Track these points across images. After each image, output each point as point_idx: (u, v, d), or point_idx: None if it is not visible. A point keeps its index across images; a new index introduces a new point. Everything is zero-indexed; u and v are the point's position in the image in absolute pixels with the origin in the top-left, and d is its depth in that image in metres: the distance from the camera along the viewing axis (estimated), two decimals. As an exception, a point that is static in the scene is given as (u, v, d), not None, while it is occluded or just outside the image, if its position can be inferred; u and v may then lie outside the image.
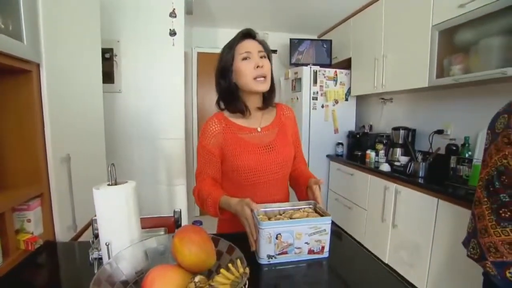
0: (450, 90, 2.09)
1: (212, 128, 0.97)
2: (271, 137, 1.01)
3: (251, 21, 3.23)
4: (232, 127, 0.98)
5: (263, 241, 0.77)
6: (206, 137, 0.97)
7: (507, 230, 0.92)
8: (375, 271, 0.81)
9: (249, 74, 0.91)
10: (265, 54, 0.95)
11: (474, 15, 1.60)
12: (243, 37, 0.95)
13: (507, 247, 0.91)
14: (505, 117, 0.94)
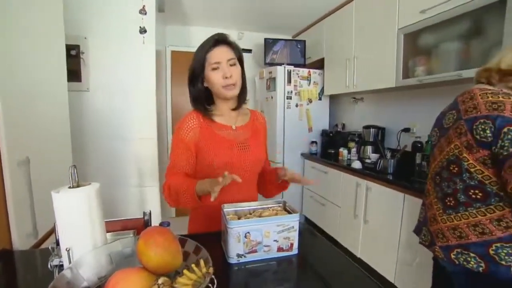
0: (415, 90, 2.20)
1: (190, 122, 0.99)
2: (245, 136, 1.05)
3: (226, 20, 3.22)
4: (209, 123, 1.01)
5: (232, 240, 0.77)
6: (184, 131, 0.99)
7: (451, 217, 1.01)
8: (343, 266, 0.83)
9: (218, 83, 0.97)
10: (235, 61, 0.99)
11: (433, 20, 1.69)
12: (215, 43, 0.97)
13: (451, 232, 1.00)
14: (453, 113, 1.03)
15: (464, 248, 0.97)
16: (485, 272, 0.92)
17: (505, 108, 0.87)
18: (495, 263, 0.90)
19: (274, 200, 0.96)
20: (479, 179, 0.93)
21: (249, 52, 3.65)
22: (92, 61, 1.84)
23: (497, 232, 0.91)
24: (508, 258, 0.89)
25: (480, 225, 0.94)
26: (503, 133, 0.86)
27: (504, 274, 0.89)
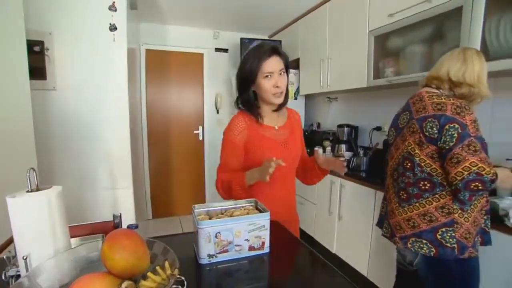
0: (386, 90, 2.29)
1: (239, 125, 1.09)
2: (285, 135, 1.16)
3: (202, 19, 3.19)
4: (255, 124, 1.11)
5: (203, 240, 0.77)
6: (233, 132, 1.08)
7: (405, 209, 1.13)
8: (314, 263, 0.85)
9: (268, 91, 1.06)
10: (284, 71, 1.09)
11: (400, 24, 1.77)
12: (270, 54, 1.05)
13: (406, 223, 1.12)
14: (406, 114, 1.16)
15: (417, 236, 1.08)
16: (436, 256, 1.04)
17: (447, 108, 1.01)
18: (442, 246, 1.03)
19: (246, 199, 0.97)
20: (428, 172, 1.05)
21: (225, 51, 3.63)
22: (59, 58, 1.75)
23: (441, 218, 1.03)
24: (451, 240, 1.01)
25: (428, 213, 1.06)
26: (445, 130, 0.99)
27: (450, 255, 1.02)
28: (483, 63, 1.09)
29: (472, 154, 0.94)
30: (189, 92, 3.61)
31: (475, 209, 1.04)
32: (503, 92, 1.57)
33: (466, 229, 1.02)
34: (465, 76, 1.07)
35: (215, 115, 3.71)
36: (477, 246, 1.04)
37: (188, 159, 3.68)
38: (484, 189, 0.94)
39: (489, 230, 1.08)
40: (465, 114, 0.98)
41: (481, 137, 0.98)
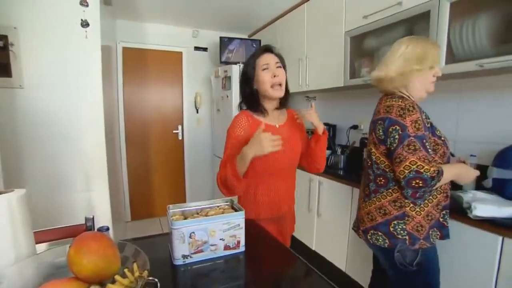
0: (362, 89, 2.35)
1: (242, 122, 1.13)
2: (287, 133, 1.19)
3: (181, 17, 3.13)
4: (257, 122, 1.14)
5: (177, 241, 0.76)
6: (237, 130, 1.13)
7: (366, 204, 1.20)
8: (290, 261, 0.86)
9: (267, 82, 1.10)
10: (280, 65, 1.14)
11: (375, 26, 1.83)
12: (263, 51, 1.15)
13: (367, 217, 1.18)
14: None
15: (374, 229, 1.14)
16: (390, 247, 1.10)
17: (392, 111, 1.06)
18: (395, 238, 1.09)
19: (222, 198, 0.97)
20: (383, 168, 1.12)
21: (204, 50, 3.60)
22: (26, 55, 1.66)
23: (393, 212, 1.09)
24: (403, 232, 1.08)
25: (383, 207, 1.12)
26: (389, 132, 1.05)
27: (401, 245, 1.08)
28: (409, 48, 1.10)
29: (412, 154, 0.99)
30: (168, 91, 3.55)
31: (430, 204, 1.09)
32: (467, 92, 1.66)
33: (417, 222, 1.07)
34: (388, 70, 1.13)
35: (195, 115, 3.67)
36: (432, 238, 1.09)
37: (167, 159, 3.61)
38: (425, 186, 0.99)
39: (447, 225, 1.13)
40: (406, 116, 1.03)
41: (421, 136, 1.01)
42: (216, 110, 3.31)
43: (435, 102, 1.73)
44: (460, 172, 1.08)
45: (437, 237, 1.12)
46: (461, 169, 1.08)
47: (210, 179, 3.82)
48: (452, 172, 1.05)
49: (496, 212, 1.14)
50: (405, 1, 1.63)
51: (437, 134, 1.09)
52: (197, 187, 3.74)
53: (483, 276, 1.18)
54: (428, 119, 1.11)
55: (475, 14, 1.36)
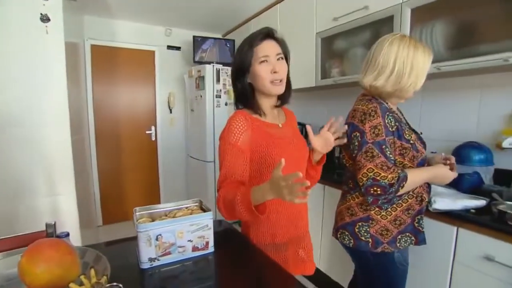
0: (334, 89, 2.41)
1: (240, 125, 0.91)
2: (291, 133, 1.03)
3: (153, 15, 3.05)
4: (257, 122, 0.95)
5: (143, 244, 0.74)
6: (235, 134, 0.90)
7: (340, 204, 1.21)
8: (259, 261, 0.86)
9: (266, 78, 0.92)
10: (283, 56, 0.95)
11: (344, 28, 1.89)
12: (263, 37, 0.92)
13: (338, 216, 1.21)
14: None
15: (343, 228, 1.16)
16: (354, 247, 1.11)
17: (356, 116, 1.05)
18: (358, 239, 1.10)
19: (191, 199, 0.96)
20: (351, 171, 1.12)
21: (177, 49, 3.54)
22: (-21, 52, 1.55)
23: (359, 213, 1.10)
24: (366, 235, 1.08)
25: (351, 208, 1.13)
26: (352, 138, 1.05)
27: (364, 247, 1.09)
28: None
29: (370, 161, 0.98)
30: (141, 91, 3.45)
31: (399, 208, 1.07)
32: (428, 93, 1.76)
33: (382, 226, 1.06)
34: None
35: (168, 115, 3.59)
36: (400, 243, 1.07)
37: (140, 160, 3.51)
38: (384, 193, 0.97)
39: (423, 230, 1.11)
40: (366, 121, 1.00)
41: (380, 142, 0.99)
42: (190, 110, 3.26)
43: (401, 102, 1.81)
44: (436, 175, 1.05)
45: (412, 242, 1.10)
46: (437, 172, 1.05)
47: (184, 180, 3.76)
48: (424, 176, 1.03)
49: (452, 205, 1.21)
50: (371, 5, 1.70)
51: (405, 137, 1.04)
52: (172, 189, 3.68)
53: (441, 262, 1.26)
54: (398, 122, 1.06)
55: (433, 21, 1.44)
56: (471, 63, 1.28)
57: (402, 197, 1.06)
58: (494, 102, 1.50)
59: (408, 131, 1.06)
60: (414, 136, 1.07)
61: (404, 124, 1.09)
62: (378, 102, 1.05)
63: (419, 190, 1.08)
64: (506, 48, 1.18)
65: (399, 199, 1.06)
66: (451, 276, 1.24)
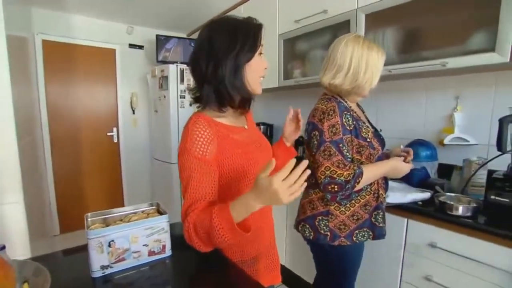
0: (296, 90, 2.48)
1: (205, 133, 0.75)
2: (257, 135, 0.94)
3: (114, 12, 2.91)
4: (223, 128, 0.80)
5: (94, 252, 0.71)
6: (201, 145, 0.73)
7: (303, 198, 1.24)
8: (219, 262, 0.85)
9: (259, 73, 0.82)
10: None
11: (305, 30, 1.95)
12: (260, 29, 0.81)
13: (301, 209, 1.25)
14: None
15: (304, 221, 1.20)
16: (314, 239, 1.16)
17: (316, 115, 1.11)
18: (318, 232, 1.14)
19: (147, 202, 0.93)
20: (312, 167, 1.13)
21: (140, 48, 3.41)
22: None
23: (320, 208, 1.15)
24: (325, 228, 1.13)
25: (312, 202, 1.17)
26: (311, 137, 1.10)
27: (322, 240, 1.13)
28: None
29: (327, 159, 1.02)
30: (101, 91, 3.28)
31: (357, 204, 1.11)
32: (382, 94, 1.88)
33: (341, 220, 1.11)
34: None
35: (131, 116, 3.46)
36: (356, 238, 1.12)
37: (102, 163, 3.34)
38: (341, 190, 1.01)
39: (380, 225, 1.14)
40: (325, 120, 1.05)
41: (337, 141, 1.03)
42: (154, 111, 3.16)
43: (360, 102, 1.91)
44: (391, 168, 1.09)
45: (370, 237, 1.14)
46: (392, 165, 1.09)
47: (149, 182, 3.65)
48: (379, 170, 1.07)
49: (402, 199, 1.31)
50: (330, 9, 1.77)
51: (362, 136, 1.08)
52: (136, 192, 3.54)
53: (394, 251, 1.35)
54: (356, 121, 1.10)
55: (384, 27, 1.54)
56: (415, 67, 1.39)
57: (360, 193, 1.11)
58: (437, 103, 1.63)
59: (365, 129, 1.11)
60: (371, 134, 1.11)
61: (362, 123, 1.13)
62: (337, 102, 1.10)
63: (376, 187, 1.13)
64: (444, 54, 1.30)
65: (357, 195, 1.12)
66: (402, 264, 1.33)
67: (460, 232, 1.12)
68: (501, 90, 1.40)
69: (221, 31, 0.78)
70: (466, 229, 1.11)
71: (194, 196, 0.72)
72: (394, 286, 1.36)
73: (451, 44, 1.30)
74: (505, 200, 1.06)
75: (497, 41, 1.12)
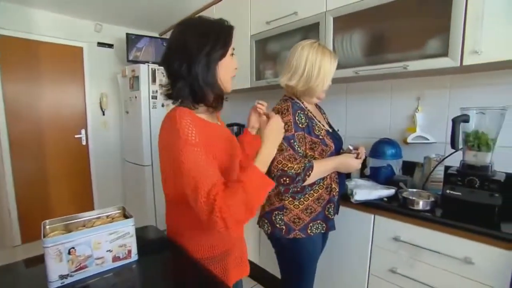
0: (269, 90, 2.48)
1: (190, 122, 0.76)
2: (227, 132, 0.97)
3: (80, 7, 2.77)
4: (201, 123, 0.82)
5: (51, 261, 0.68)
6: (192, 133, 0.74)
7: None
8: (187, 265, 0.84)
9: (231, 72, 0.88)
10: None
11: (276, 31, 1.97)
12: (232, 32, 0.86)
13: (261, 206, 1.27)
14: None
15: (263, 216, 1.26)
16: (271, 234, 1.22)
17: None
18: (274, 226, 1.20)
19: (114, 206, 0.90)
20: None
21: (110, 47, 3.29)
22: None
23: (276, 203, 1.21)
24: (280, 222, 1.19)
25: (270, 198, 1.23)
26: None
27: (278, 234, 1.19)
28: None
29: (279, 154, 1.09)
30: (67, 91, 3.11)
31: (310, 198, 1.17)
32: (351, 95, 1.95)
33: (295, 214, 1.17)
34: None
35: (100, 117, 3.32)
36: (311, 230, 1.18)
37: (69, 167, 3.17)
38: (292, 183, 1.08)
39: (332, 217, 1.22)
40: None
41: (289, 137, 1.10)
42: (125, 112, 3.06)
43: (331, 103, 1.96)
44: (340, 163, 1.16)
45: (323, 229, 1.21)
46: (341, 161, 1.16)
47: (121, 186, 3.53)
48: (329, 165, 1.15)
49: (369, 196, 1.36)
50: (300, 11, 1.81)
51: (315, 133, 1.15)
52: (107, 196, 3.40)
53: (362, 246, 1.41)
54: (309, 119, 1.16)
55: (352, 30, 1.60)
56: (380, 69, 1.46)
57: (313, 187, 1.18)
58: (401, 104, 1.72)
59: (318, 127, 1.18)
60: (323, 132, 1.18)
61: (317, 121, 1.20)
62: (293, 102, 1.18)
63: (329, 181, 1.20)
64: (405, 57, 1.37)
65: (310, 190, 1.18)
66: (370, 258, 1.39)
67: (420, 226, 1.20)
68: (454, 92, 1.51)
69: (194, 30, 0.81)
70: (425, 222, 1.18)
71: (209, 181, 0.70)
72: (362, 279, 1.42)
73: (412, 49, 1.38)
74: (458, 194, 1.14)
75: (449, 47, 1.21)
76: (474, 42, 1.14)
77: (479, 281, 1.06)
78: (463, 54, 1.17)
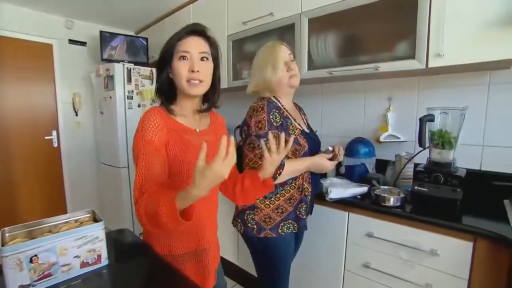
0: (245, 90, 2.50)
1: (156, 121, 0.83)
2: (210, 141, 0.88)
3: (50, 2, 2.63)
4: (174, 124, 0.88)
5: (10, 270, 0.64)
6: (151, 131, 0.82)
7: None
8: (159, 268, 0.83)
9: (183, 76, 0.86)
10: (208, 56, 0.90)
11: (253, 32, 1.98)
12: (190, 32, 0.88)
13: (236, 206, 1.29)
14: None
15: (237, 216, 1.27)
16: (244, 233, 1.23)
17: (248, 112, 1.20)
18: (246, 225, 1.21)
19: (84, 210, 0.87)
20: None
21: (82, 45, 3.16)
22: None
23: None
24: (252, 221, 1.20)
25: None
26: (241, 132, 1.20)
27: (250, 233, 1.21)
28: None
29: (251, 151, 1.11)
30: (36, 90, 2.95)
31: (282, 198, 1.18)
32: (327, 95, 1.99)
33: (266, 214, 1.18)
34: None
35: (73, 118, 3.18)
36: (281, 230, 1.18)
37: (39, 170, 3.01)
38: None
39: (303, 217, 1.22)
40: (253, 116, 1.13)
41: (261, 135, 1.09)
42: (100, 113, 2.96)
43: (307, 102, 1.99)
44: (313, 163, 1.17)
45: (295, 229, 1.22)
46: (314, 161, 1.17)
47: (95, 188, 3.40)
48: (302, 165, 1.16)
49: (343, 194, 1.40)
50: (276, 12, 1.82)
51: (288, 132, 1.15)
52: (81, 199, 3.27)
53: (337, 243, 1.44)
54: (284, 118, 1.16)
55: (326, 32, 1.63)
56: (353, 70, 1.50)
57: (284, 187, 1.19)
58: (373, 104, 1.78)
59: (292, 126, 1.19)
60: (298, 131, 1.19)
61: (292, 120, 1.21)
62: (268, 101, 1.18)
63: (301, 182, 1.21)
64: (377, 59, 1.42)
65: (281, 189, 1.19)
66: (345, 254, 1.43)
67: (391, 221, 1.24)
68: (422, 93, 1.58)
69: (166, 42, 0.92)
70: (395, 218, 1.23)
71: (143, 178, 0.79)
72: (338, 275, 1.45)
73: (382, 51, 1.43)
74: (425, 190, 1.19)
75: (416, 50, 1.27)
76: (437, 46, 1.20)
77: (444, 271, 1.12)
78: (428, 57, 1.24)
